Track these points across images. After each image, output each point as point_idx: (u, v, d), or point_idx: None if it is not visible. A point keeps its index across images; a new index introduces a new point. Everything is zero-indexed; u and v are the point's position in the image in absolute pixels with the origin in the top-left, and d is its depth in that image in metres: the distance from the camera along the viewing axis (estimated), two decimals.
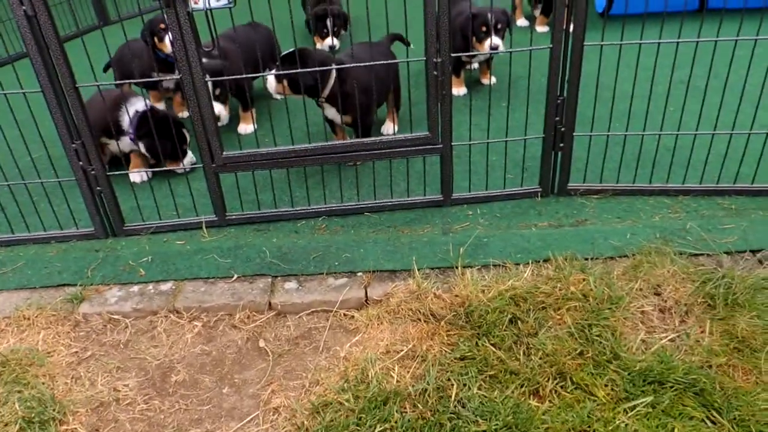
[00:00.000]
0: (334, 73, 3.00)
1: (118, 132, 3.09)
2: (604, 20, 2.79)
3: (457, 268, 2.54)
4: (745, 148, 2.85)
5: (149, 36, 3.77)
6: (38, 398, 2.04)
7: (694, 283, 2.36)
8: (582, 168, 3.01)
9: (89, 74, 2.55)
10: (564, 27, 2.55)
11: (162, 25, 3.69)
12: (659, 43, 2.60)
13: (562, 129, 2.77)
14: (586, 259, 2.54)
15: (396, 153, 2.82)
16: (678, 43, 2.58)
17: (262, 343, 2.33)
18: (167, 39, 3.67)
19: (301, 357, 2.26)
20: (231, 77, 3.17)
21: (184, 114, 4.11)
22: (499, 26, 3.76)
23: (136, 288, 2.55)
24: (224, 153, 2.72)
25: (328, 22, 4.34)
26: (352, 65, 2.97)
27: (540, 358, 2.09)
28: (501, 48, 3.77)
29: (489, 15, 3.70)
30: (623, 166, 3.00)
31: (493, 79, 4.22)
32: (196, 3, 2.88)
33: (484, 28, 3.77)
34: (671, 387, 1.95)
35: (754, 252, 2.50)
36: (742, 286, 2.28)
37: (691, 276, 2.39)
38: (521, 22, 5.47)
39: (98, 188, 2.73)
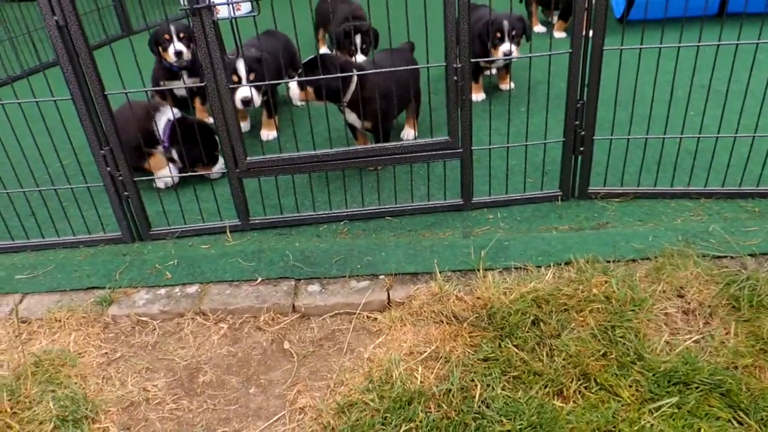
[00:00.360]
0: (355, 79, 3.05)
1: (151, 142, 3.17)
2: (623, 25, 2.81)
3: (478, 270, 2.56)
4: None
5: (155, 46, 3.90)
6: (71, 397, 2.09)
7: (717, 285, 2.35)
8: (602, 171, 3.02)
9: (117, 81, 2.62)
10: (583, 32, 2.57)
11: (166, 36, 3.82)
12: (679, 47, 2.60)
13: (582, 133, 2.79)
14: (608, 261, 2.54)
15: (417, 158, 2.85)
16: (698, 47, 2.59)
17: (286, 345, 2.37)
18: (171, 49, 3.79)
19: (326, 358, 2.29)
20: (262, 83, 3.28)
21: (209, 120, 4.20)
22: (514, 32, 3.80)
23: (162, 291, 2.60)
24: (248, 158, 2.77)
25: (357, 39, 4.14)
26: (372, 71, 3.01)
27: (563, 359, 2.10)
28: (514, 54, 3.81)
29: (504, 22, 3.74)
30: (644, 169, 3.00)
31: (512, 85, 4.25)
32: (218, 12, 2.94)
33: (499, 35, 3.80)
34: (696, 388, 1.95)
35: None
36: None
37: (714, 278, 2.38)
38: (538, 28, 5.47)
39: (125, 193, 2.79)
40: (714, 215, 2.77)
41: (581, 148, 2.84)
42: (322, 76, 2.82)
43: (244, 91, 3.32)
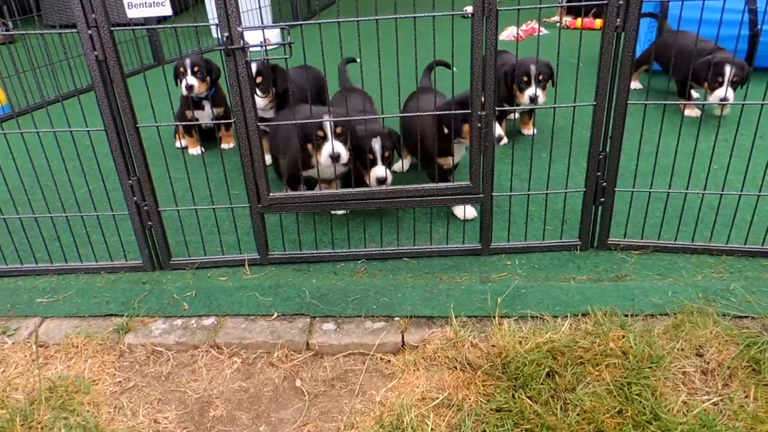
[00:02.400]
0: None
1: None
2: (648, 76, 2.83)
3: (494, 317, 2.55)
4: None
5: (174, 78, 4.03)
6: (83, 426, 2.10)
7: (738, 346, 2.31)
8: (623, 222, 3.01)
9: (148, 109, 2.70)
10: (608, 85, 2.59)
11: (181, 69, 3.94)
12: (704, 104, 2.62)
13: (604, 184, 2.79)
14: (626, 315, 2.52)
15: (437, 201, 2.87)
16: (722, 105, 2.60)
17: (298, 383, 2.36)
18: (183, 83, 3.90)
19: (337, 399, 2.28)
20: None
21: (231, 145, 4.28)
22: (541, 78, 3.83)
23: (179, 321, 2.63)
24: (270, 194, 2.81)
25: (376, 146, 3.10)
26: (411, 114, 3.03)
27: (578, 415, 2.07)
28: (540, 99, 3.83)
29: (531, 66, 3.77)
30: (665, 222, 2.99)
31: (535, 130, 4.27)
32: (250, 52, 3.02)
33: (525, 78, 3.84)
34: None
35: None
36: None
37: (734, 338, 2.34)
38: (636, 84, 4.86)
39: (149, 223, 2.84)
40: (735, 273, 2.74)
41: (602, 199, 2.84)
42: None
43: (330, 147, 2.96)
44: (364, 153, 3.08)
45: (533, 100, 3.82)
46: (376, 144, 3.05)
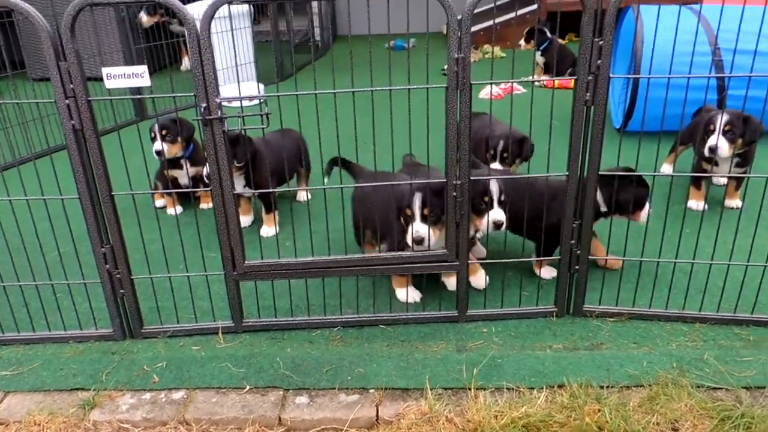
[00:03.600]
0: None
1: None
2: (620, 136, 2.88)
3: (470, 389, 2.52)
4: (762, 276, 2.86)
5: (151, 140, 3.99)
6: None
7: (712, 420, 2.31)
8: (598, 288, 3.03)
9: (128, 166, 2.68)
10: (579, 156, 2.65)
11: (152, 134, 3.92)
12: (672, 176, 2.69)
13: (578, 252, 2.82)
14: (602, 387, 2.51)
15: (414, 268, 2.87)
16: (691, 176, 2.67)
17: None
18: (154, 147, 3.89)
19: None
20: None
21: (209, 205, 4.23)
22: (506, 155, 3.77)
23: (148, 395, 2.56)
24: (246, 262, 2.79)
25: (416, 210, 2.84)
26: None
27: None
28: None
29: (500, 142, 3.68)
30: (639, 287, 3.01)
31: None
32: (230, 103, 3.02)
33: (492, 152, 3.75)
34: None
35: None
36: (763, 427, 2.23)
37: (709, 412, 2.34)
38: (666, 169, 4.21)
39: (121, 291, 2.80)
40: (709, 341, 2.75)
41: (576, 267, 2.86)
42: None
43: (418, 227, 2.80)
44: (403, 209, 2.86)
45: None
46: (417, 199, 2.81)
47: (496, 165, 3.78)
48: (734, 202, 3.67)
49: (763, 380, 2.49)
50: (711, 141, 3.42)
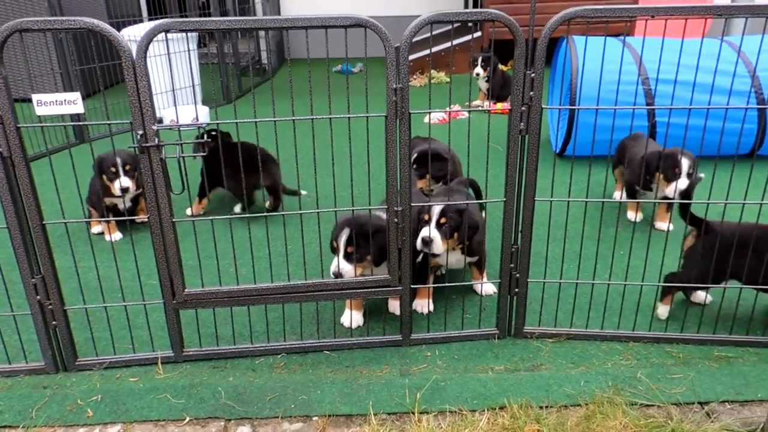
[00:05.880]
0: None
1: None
2: (554, 163, 3.00)
3: (413, 413, 2.53)
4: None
5: (98, 174, 3.82)
6: None
7: None
8: (538, 309, 3.11)
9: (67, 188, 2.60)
10: (516, 183, 2.74)
11: (112, 168, 3.75)
12: (603, 202, 2.81)
13: (517, 275, 2.89)
14: (541, 407, 2.56)
15: (357, 294, 2.88)
16: (620, 202, 2.79)
17: None
18: (117, 184, 3.74)
19: None
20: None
21: (144, 218, 4.10)
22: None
23: (81, 431, 2.46)
24: (186, 290, 2.74)
25: (341, 245, 2.88)
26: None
27: None
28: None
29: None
30: (576, 308, 3.11)
31: None
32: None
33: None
34: None
35: (701, 404, 2.56)
36: None
37: (641, 429, 2.42)
38: (660, 225, 3.93)
39: (54, 323, 2.70)
40: (642, 359, 2.86)
41: (516, 290, 2.93)
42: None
43: (340, 264, 2.85)
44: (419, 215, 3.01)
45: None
46: (436, 207, 2.98)
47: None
48: (664, 225, 3.85)
49: (692, 396, 2.60)
50: (681, 184, 3.51)
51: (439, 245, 2.99)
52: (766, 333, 2.92)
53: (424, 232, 2.98)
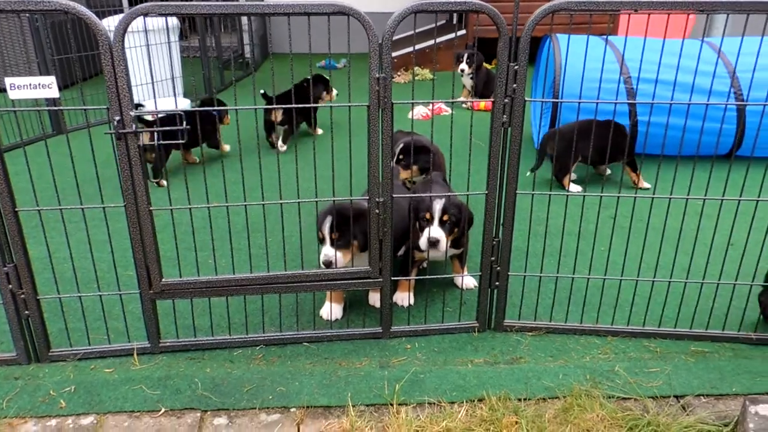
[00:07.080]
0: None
1: None
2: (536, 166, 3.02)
3: (392, 405, 2.52)
4: (667, 291, 3.03)
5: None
6: None
7: (621, 429, 2.40)
8: (518, 303, 3.12)
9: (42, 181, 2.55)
10: (498, 176, 2.74)
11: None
12: (584, 196, 2.82)
13: (498, 268, 2.89)
14: (519, 399, 2.57)
15: (338, 285, 2.86)
16: (601, 197, 2.81)
17: None
18: None
19: None
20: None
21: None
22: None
23: (53, 422, 2.41)
24: (163, 280, 2.70)
25: (326, 233, 2.89)
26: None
27: None
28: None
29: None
30: (556, 302, 3.12)
31: None
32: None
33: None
34: None
35: (677, 397, 2.59)
36: None
37: (618, 421, 2.44)
38: (574, 188, 4.53)
39: (26, 312, 2.64)
40: (620, 354, 2.87)
41: (497, 283, 2.94)
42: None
43: (326, 251, 2.85)
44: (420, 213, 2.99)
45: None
46: (437, 204, 2.94)
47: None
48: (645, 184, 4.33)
49: (668, 389, 2.62)
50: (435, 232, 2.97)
51: (444, 245, 2.95)
52: (742, 329, 2.96)
53: (434, 232, 2.92)
